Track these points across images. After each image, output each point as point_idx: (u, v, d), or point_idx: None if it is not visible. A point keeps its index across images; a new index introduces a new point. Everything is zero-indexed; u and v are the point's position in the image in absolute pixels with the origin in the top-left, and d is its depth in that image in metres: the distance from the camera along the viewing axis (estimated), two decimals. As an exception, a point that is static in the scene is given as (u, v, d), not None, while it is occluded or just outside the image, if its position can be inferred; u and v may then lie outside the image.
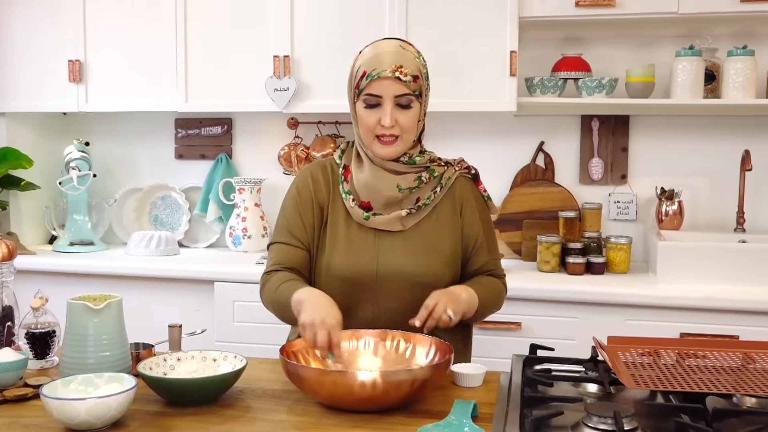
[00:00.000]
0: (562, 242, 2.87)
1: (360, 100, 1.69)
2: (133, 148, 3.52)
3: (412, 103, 1.68)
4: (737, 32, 2.91)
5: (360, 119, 1.71)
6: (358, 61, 1.72)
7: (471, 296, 1.70)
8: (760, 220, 2.98)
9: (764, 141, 2.95)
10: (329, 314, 1.52)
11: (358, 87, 1.69)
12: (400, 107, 1.67)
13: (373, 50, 1.70)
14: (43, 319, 1.72)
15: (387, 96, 1.65)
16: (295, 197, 1.79)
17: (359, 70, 1.69)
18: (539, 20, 2.82)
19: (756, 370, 1.52)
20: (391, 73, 1.64)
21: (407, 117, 1.68)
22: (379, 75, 1.65)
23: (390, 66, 1.65)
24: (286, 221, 1.78)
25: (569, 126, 3.13)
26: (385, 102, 1.66)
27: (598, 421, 1.29)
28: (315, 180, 1.79)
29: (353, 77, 1.72)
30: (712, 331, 2.44)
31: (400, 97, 1.66)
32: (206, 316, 2.83)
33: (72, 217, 3.30)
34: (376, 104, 1.67)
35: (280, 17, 2.97)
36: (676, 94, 2.82)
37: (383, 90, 1.65)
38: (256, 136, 3.40)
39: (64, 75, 3.17)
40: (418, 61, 1.70)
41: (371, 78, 1.65)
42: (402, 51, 1.68)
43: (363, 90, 1.67)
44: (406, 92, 1.66)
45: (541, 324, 2.60)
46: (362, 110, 1.69)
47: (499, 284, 1.84)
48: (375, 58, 1.67)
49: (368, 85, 1.66)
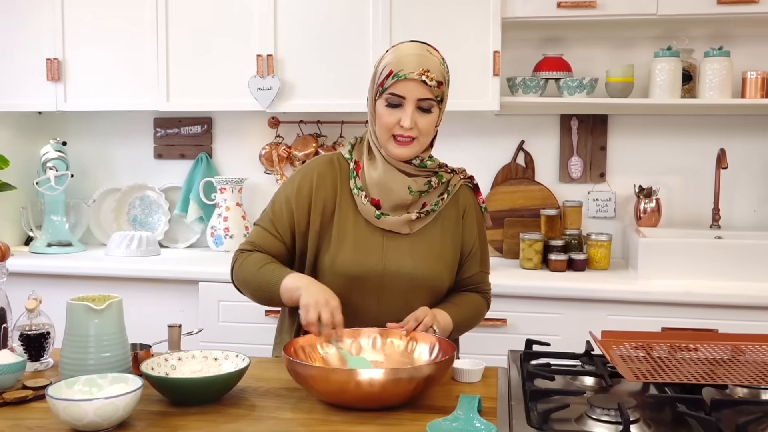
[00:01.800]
0: (544, 240, 2.91)
1: (382, 98, 1.69)
2: (111, 148, 3.48)
3: (433, 108, 1.69)
4: (713, 33, 2.99)
5: (379, 117, 1.71)
6: (385, 59, 1.71)
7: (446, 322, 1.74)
8: (734, 217, 3.06)
9: (739, 140, 3.03)
10: (331, 296, 1.58)
11: (383, 85, 1.68)
12: (421, 111, 1.68)
13: (400, 51, 1.70)
14: (38, 321, 1.70)
15: (410, 98, 1.66)
16: (291, 193, 1.78)
17: (385, 69, 1.69)
18: (521, 21, 2.86)
19: (747, 362, 1.56)
20: (417, 76, 1.65)
21: (426, 121, 1.69)
22: (406, 76, 1.65)
23: (417, 69, 1.65)
24: (273, 212, 1.79)
25: (549, 125, 3.17)
26: (407, 103, 1.67)
27: (601, 413, 1.32)
28: (321, 177, 1.78)
29: (378, 75, 1.71)
30: (691, 325, 2.50)
31: (423, 101, 1.67)
32: (191, 316, 2.82)
33: (49, 217, 3.26)
34: (397, 104, 1.67)
35: (264, 16, 2.97)
36: (654, 94, 2.88)
37: (407, 91, 1.66)
38: (236, 135, 3.39)
39: (42, 74, 3.12)
40: (442, 67, 1.71)
41: (397, 78, 1.65)
42: (429, 55, 1.69)
43: (387, 89, 1.67)
44: (429, 96, 1.67)
45: (526, 320, 2.64)
46: (382, 108, 1.69)
47: (482, 302, 1.88)
48: (402, 59, 1.67)
49: (393, 85, 1.66)
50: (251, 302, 2.73)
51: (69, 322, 1.50)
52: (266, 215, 1.81)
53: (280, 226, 1.77)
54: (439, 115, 1.73)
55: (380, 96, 1.70)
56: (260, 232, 1.79)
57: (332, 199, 1.77)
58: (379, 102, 1.70)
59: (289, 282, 1.64)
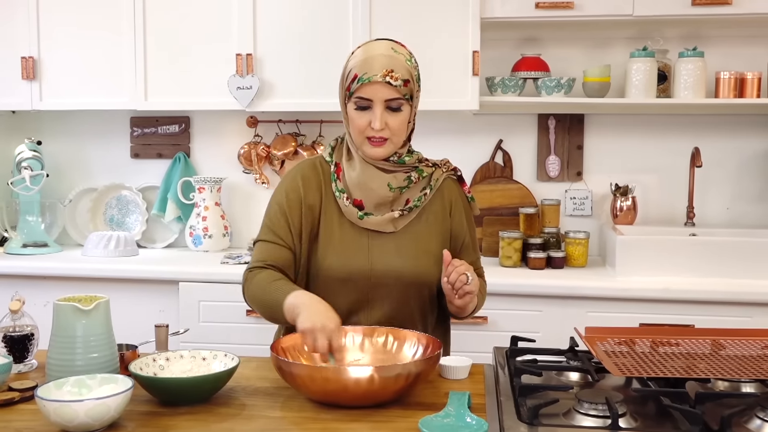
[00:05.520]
0: (523, 238, 2.94)
1: (351, 101, 1.70)
2: (87, 148, 3.44)
3: (402, 107, 1.69)
4: (687, 34, 3.04)
5: (351, 120, 1.72)
6: (350, 62, 1.72)
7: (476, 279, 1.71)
8: (708, 215, 3.12)
9: (713, 139, 3.09)
10: (328, 318, 1.52)
11: (349, 89, 1.69)
12: (391, 110, 1.68)
13: (364, 53, 1.70)
14: (21, 322, 1.68)
15: (377, 100, 1.67)
16: (282, 200, 1.77)
17: (350, 73, 1.69)
18: (500, 21, 2.89)
19: (728, 356, 1.60)
20: (381, 78, 1.65)
21: (398, 120, 1.69)
22: (370, 79, 1.65)
23: (381, 70, 1.65)
24: (270, 221, 1.78)
25: (526, 124, 3.20)
26: (375, 105, 1.67)
27: (589, 407, 1.35)
28: (306, 180, 1.78)
29: (344, 79, 1.72)
30: (669, 321, 2.54)
31: (391, 101, 1.67)
32: (171, 316, 2.80)
33: (24, 218, 3.21)
34: (366, 107, 1.68)
35: (243, 15, 2.96)
36: (630, 94, 2.92)
37: (373, 94, 1.66)
38: (214, 134, 3.37)
39: (17, 72, 3.08)
40: (409, 63, 1.71)
41: (362, 82, 1.66)
42: (393, 54, 1.69)
43: (354, 92, 1.68)
44: (396, 96, 1.67)
45: (507, 318, 2.67)
46: (353, 111, 1.70)
47: (485, 285, 1.91)
48: (366, 61, 1.67)
49: (359, 89, 1.67)
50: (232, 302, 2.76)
51: (56, 323, 1.49)
52: (264, 228, 1.79)
53: (281, 234, 1.75)
54: (411, 111, 1.73)
55: (349, 100, 1.71)
56: (264, 247, 1.76)
57: (318, 202, 1.77)
58: (349, 105, 1.71)
59: (291, 301, 1.59)
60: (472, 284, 1.64)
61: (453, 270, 1.64)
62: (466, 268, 1.65)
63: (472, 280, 1.64)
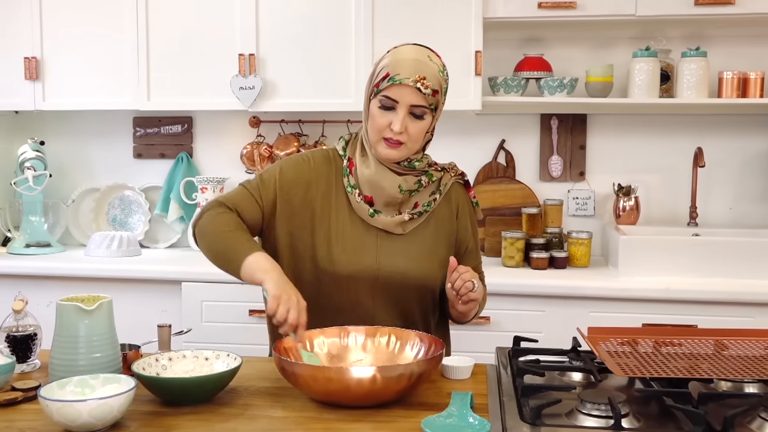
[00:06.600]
0: (526, 238, 2.94)
1: (376, 98, 1.69)
2: (90, 148, 3.45)
3: (425, 115, 1.69)
4: (690, 34, 3.04)
5: (371, 117, 1.71)
6: (384, 60, 1.70)
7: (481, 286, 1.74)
8: (711, 215, 3.11)
9: (716, 138, 3.08)
10: (298, 294, 1.55)
11: (378, 86, 1.68)
12: (413, 116, 1.68)
13: (400, 54, 1.69)
14: (24, 322, 1.68)
15: (403, 103, 1.66)
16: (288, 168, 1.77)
17: (382, 70, 1.68)
18: (502, 21, 2.89)
19: (731, 356, 1.60)
20: (412, 83, 1.64)
21: (417, 127, 1.69)
22: (401, 81, 1.64)
23: (413, 75, 1.64)
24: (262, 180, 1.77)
25: (529, 124, 3.20)
26: (399, 108, 1.66)
27: (592, 407, 1.35)
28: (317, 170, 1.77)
29: (374, 75, 1.71)
30: (671, 321, 2.54)
31: (416, 107, 1.66)
32: (173, 316, 2.81)
33: (27, 218, 3.22)
34: (390, 107, 1.67)
35: (246, 15, 2.96)
36: (633, 94, 2.92)
37: (401, 96, 1.65)
38: (216, 134, 3.38)
39: (20, 73, 3.08)
40: (441, 75, 1.70)
41: (392, 82, 1.65)
42: (428, 62, 1.68)
43: (381, 90, 1.67)
44: (422, 104, 1.66)
45: (510, 318, 2.67)
46: (376, 109, 1.69)
47: (485, 289, 1.91)
48: (400, 62, 1.66)
49: (387, 88, 1.66)
50: (235, 302, 2.76)
51: (59, 323, 1.49)
52: (255, 181, 1.79)
53: (265, 195, 1.75)
54: (432, 122, 1.73)
55: (375, 96, 1.70)
56: (244, 194, 1.76)
57: (326, 194, 1.77)
58: (373, 102, 1.70)
59: (257, 260, 1.59)
60: (477, 291, 1.65)
61: (458, 277, 1.65)
62: (471, 276, 1.65)
63: (477, 288, 1.65)
